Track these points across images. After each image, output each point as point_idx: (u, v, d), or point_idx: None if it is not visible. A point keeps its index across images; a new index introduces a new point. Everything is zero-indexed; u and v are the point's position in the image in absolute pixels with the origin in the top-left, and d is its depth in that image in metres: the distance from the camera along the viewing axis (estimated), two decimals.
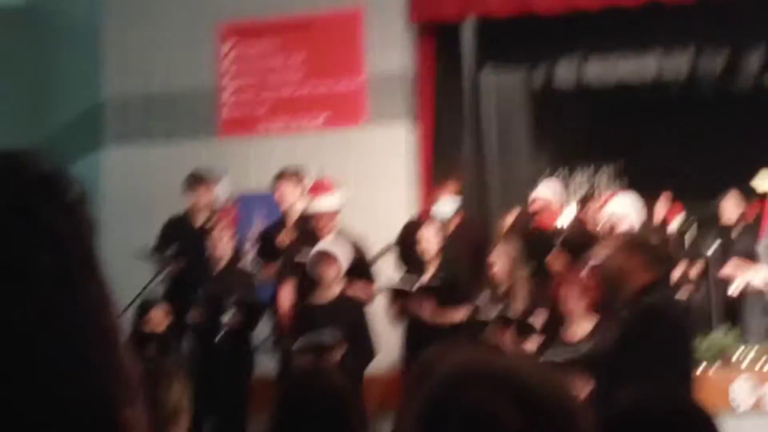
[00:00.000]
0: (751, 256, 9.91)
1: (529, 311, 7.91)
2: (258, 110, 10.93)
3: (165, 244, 9.16)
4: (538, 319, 7.88)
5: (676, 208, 10.92)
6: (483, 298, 8.00)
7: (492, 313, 7.72)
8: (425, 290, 8.27)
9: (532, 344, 7.66)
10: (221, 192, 10.54)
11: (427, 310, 8.26)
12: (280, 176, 9.24)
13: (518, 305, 7.88)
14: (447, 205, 9.20)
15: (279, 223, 9.14)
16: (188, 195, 9.38)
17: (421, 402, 1.41)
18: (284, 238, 8.84)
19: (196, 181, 9.40)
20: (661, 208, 10.48)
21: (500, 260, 8.02)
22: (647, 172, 12.07)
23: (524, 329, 7.64)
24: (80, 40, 12.12)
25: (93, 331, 1.00)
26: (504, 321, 7.64)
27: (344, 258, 8.13)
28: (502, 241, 8.44)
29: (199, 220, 9.35)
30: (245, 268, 9.24)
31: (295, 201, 9.01)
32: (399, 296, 8.44)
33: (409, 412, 1.47)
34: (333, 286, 8.11)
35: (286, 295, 8.63)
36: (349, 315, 8.02)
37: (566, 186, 12.83)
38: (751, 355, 8.90)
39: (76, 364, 0.98)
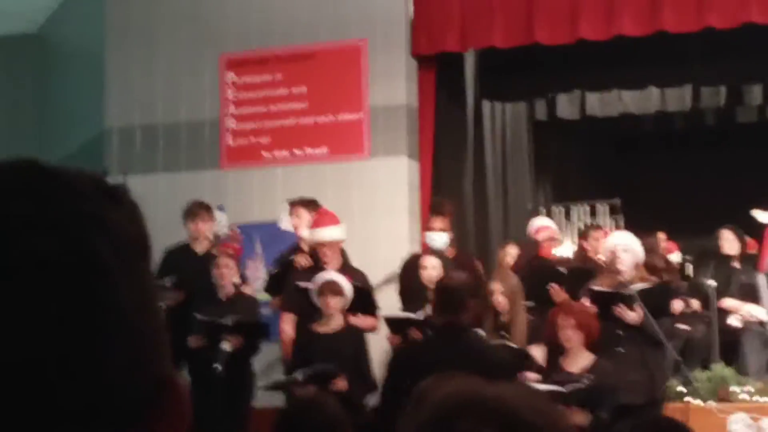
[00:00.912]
0: (751, 289, 9.93)
1: (529, 341, 7.91)
2: (260, 141, 10.97)
3: (166, 273, 9.18)
4: (538, 350, 7.89)
5: (672, 246, 10.95)
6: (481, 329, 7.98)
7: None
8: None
9: (532, 376, 7.66)
10: (223, 221, 10.58)
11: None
12: (297, 203, 9.27)
13: (519, 335, 7.89)
14: (436, 240, 9.19)
15: (295, 249, 9.12)
16: (188, 224, 9.41)
17: (414, 431, 1.42)
18: (301, 260, 8.85)
19: (196, 210, 9.42)
20: (661, 243, 10.50)
21: (501, 289, 8.02)
22: (643, 210, 12.09)
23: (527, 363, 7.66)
24: (85, 69, 12.19)
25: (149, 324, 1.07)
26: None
27: (349, 289, 8.14)
28: (502, 271, 8.44)
29: (200, 249, 9.38)
30: (248, 295, 9.25)
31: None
32: (403, 326, 8.42)
33: None
34: (337, 317, 8.10)
35: (289, 324, 8.63)
36: (353, 346, 8.03)
37: (564, 222, 12.87)
38: (750, 389, 8.89)
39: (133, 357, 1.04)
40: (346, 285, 8.13)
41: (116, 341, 0.99)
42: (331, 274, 8.22)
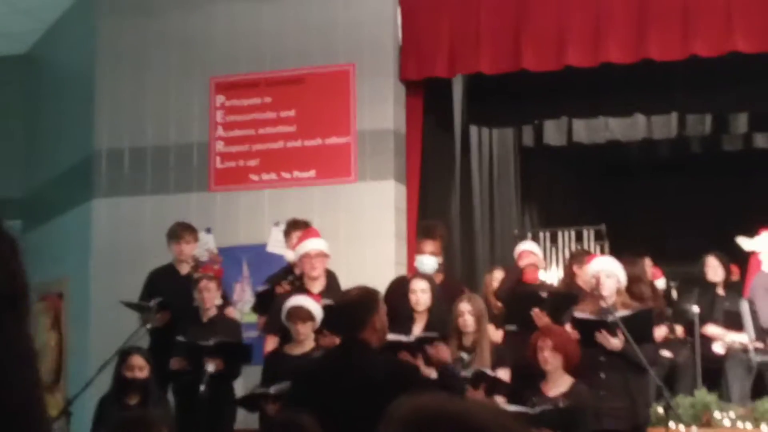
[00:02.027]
0: (735, 316, 9.96)
1: (495, 364, 7.91)
2: (249, 164, 11.01)
3: (150, 294, 9.20)
4: (505, 372, 7.91)
5: (657, 272, 10.99)
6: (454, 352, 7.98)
7: (466, 369, 7.70)
8: (422, 341, 8.21)
9: (501, 399, 7.67)
10: (210, 244, 10.60)
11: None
12: (293, 225, 9.28)
13: (483, 357, 7.89)
14: (427, 264, 9.20)
15: (287, 270, 9.12)
16: (171, 246, 9.43)
17: None
18: (283, 287, 8.84)
19: (179, 232, 9.44)
20: (647, 269, 10.53)
21: (469, 309, 8.03)
22: (629, 236, 12.14)
23: (497, 386, 7.66)
24: (75, 90, 12.22)
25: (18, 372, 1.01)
26: (478, 377, 7.64)
27: (318, 312, 8.09)
28: (469, 294, 8.44)
29: (184, 270, 9.40)
30: (231, 317, 9.27)
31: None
32: (393, 349, 8.40)
33: None
34: (307, 341, 8.09)
35: (272, 346, 8.63)
36: None
37: (550, 248, 12.91)
38: (733, 415, 8.92)
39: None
40: (315, 309, 8.10)
41: None
42: (299, 299, 8.17)
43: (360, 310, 5.35)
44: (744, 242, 10.29)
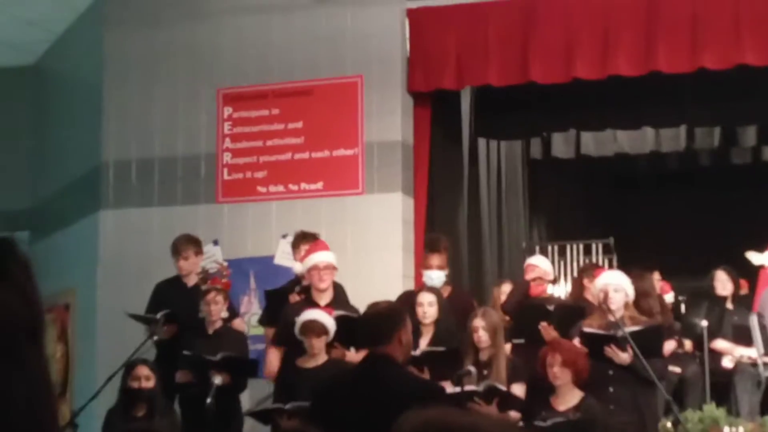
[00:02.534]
0: (744, 330, 9.93)
1: (510, 379, 7.87)
2: (256, 175, 10.99)
3: (157, 306, 9.18)
4: (520, 388, 7.87)
5: (666, 286, 10.95)
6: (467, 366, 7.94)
7: (478, 383, 7.66)
8: (428, 355, 8.19)
9: (515, 414, 7.64)
10: (217, 256, 10.58)
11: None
12: (302, 238, 9.25)
13: (499, 372, 7.86)
14: (434, 278, 9.19)
15: (295, 282, 9.07)
16: (174, 260, 9.40)
17: None
18: (293, 297, 8.82)
19: (180, 246, 9.41)
20: (656, 283, 10.49)
21: (483, 325, 8.00)
22: (637, 249, 12.10)
23: (509, 401, 7.63)
24: (82, 102, 12.22)
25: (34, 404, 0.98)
26: (490, 392, 7.61)
27: (332, 325, 8.06)
28: (484, 309, 8.41)
29: (190, 282, 9.38)
30: (238, 329, 9.25)
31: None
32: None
33: None
34: (320, 354, 8.05)
35: (275, 357, 8.58)
36: None
37: (558, 261, 12.87)
38: (742, 430, 8.88)
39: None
40: (328, 322, 8.07)
41: None
42: (312, 313, 8.14)
43: (387, 324, 5.30)
44: (754, 257, 10.26)
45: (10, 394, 0.89)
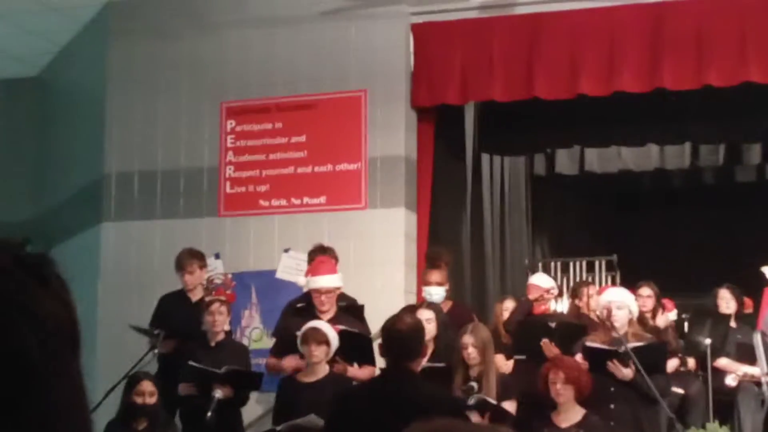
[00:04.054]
0: (747, 348, 9.89)
1: (501, 396, 7.84)
2: (258, 189, 10.98)
3: (159, 319, 9.16)
4: (510, 405, 7.83)
5: (669, 304, 10.91)
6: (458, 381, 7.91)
7: (470, 397, 7.62)
8: (429, 371, 8.16)
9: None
10: (219, 269, 10.56)
11: None
12: (320, 251, 9.22)
13: (490, 388, 7.82)
14: (434, 295, 9.17)
15: (306, 295, 9.02)
16: (181, 274, 9.36)
17: None
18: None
19: (183, 262, 9.38)
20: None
21: (473, 342, 7.95)
22: (640, 266, 12.05)
23: (500, 416, 7.58)
24: (85, 114, 12.22)
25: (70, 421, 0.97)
26: (481, 406, 7.57)
27: (334, 337, 8.04)
28: (473, 325, 8.36)
29: (194, 297, 9.35)
30: (238, 342, 9.22)
31: None
32: None
33: None
34: (322, 365, 8.00)
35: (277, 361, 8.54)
36: None
37: (561, 277, 12.83)
38: None
39: None
40: (331, 333, 8.03)
41: None
42: (315, 323, 8.12)
43: (416, 339, 5.32)
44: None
45: (53, 406, 0.86)
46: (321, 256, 9.10)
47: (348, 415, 5.30)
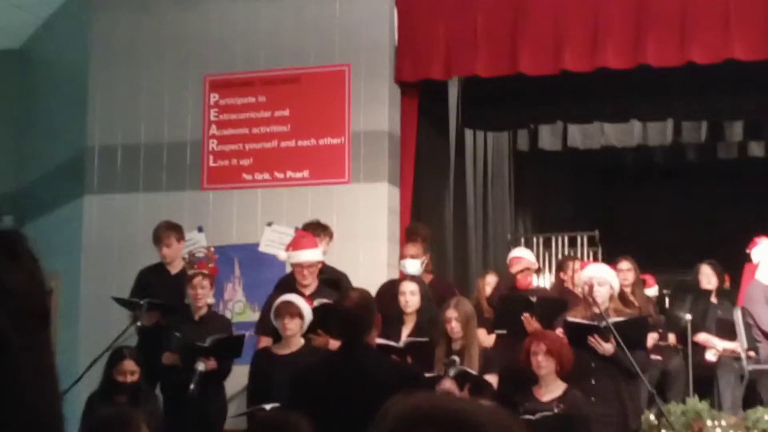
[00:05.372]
0: (728, 324, 9.94)
1: (483, 369, 7.86)
2: (242, 163, 10.96)
3: (139, 293, 9.15)
4: (492, 379, 7.86)
5: (650, 279, 10.95)
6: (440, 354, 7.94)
7: (451, 369, 7.65)
8: (411, 345, 8.19)
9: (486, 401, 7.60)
10: (202, 242, 10.55)
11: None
12: (313, 227, 9.23)
13: (472, 362, 7.85)
14: (409, 267, 9.19)
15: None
16: (159, 247, 9.36)
17: None
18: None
19: (161, 234, 9.37)
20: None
21: (456, 316, 7.98)
22: (622, 242, 12.10)
23: (481, 387, 7.61)
24: (68, 86, 12.16)
25: (39, 396, 0.97)
26: (462, 377, 7.60)
27: (308, 311, 8.06)
28: (457, 299, 8.38)
29: (174, 269, 9.35)
30: (221, 315, 9.22)
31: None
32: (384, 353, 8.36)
33: None
34: (296, 338, 8.03)
35: (266, 343, 8.58)
36: None
37: (543, 253, 12.87)
38: (724, 424, 8.88)
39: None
40: (303, 306, 8.06)
41: (9, 423, 0.90)
42: (288, 296, 8.14)
43: (366, 314, 5.38)
44: (754, 253, 10.20)
45: (21, 378, 0.87)
46: (308, 231, 9.10)
47: (308, 393, 5.36)
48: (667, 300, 11.32)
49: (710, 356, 9.95)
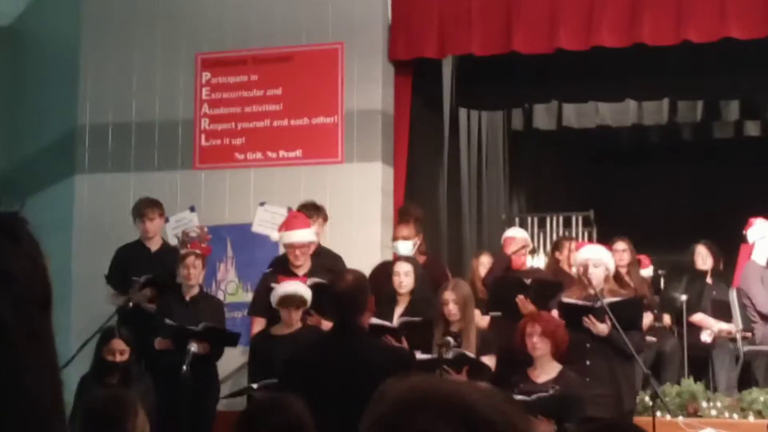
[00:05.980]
0: (723, 305, 9.93)
1: (480, 351, 7.84)
2: (234, 142, 10.91)
3: (118, 272, 9.13)
4: (490, 360, 7.83)
5: (645, 260, 10.92)
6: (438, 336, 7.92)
7: (447, 351, 7.61)
8: (405, 325, 8.17)
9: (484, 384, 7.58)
10: (194, 222, 10.51)
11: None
12: (308, 208, 9.21)
13: (469, 344, 7.82)
14: (401, 248, 9.19)
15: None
16: (137, 223, 9.34)
17: (372, 425, 1.40)
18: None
19: (142, 209, 9.35)
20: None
21: (453, 298, 7.94)
22: (617, 222, 12.07)
23: (479, 370, 7.58)
24: (59, 64, 12.10)
25: (40, 384, 0.94)
26: (460, 360, 7.57)
27: (309, 294, 8.10)
28: (455, 281, 8.36)
29: (153, 246, 9.32)
30: (213, 296, 9.20)
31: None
32: (378, 333, 8.34)
33: None
34: (295, 323, 8.10)
35: (259, 328, 8.59)
36: None
37: (538, 233, 12.86)
38: (719, 405, 8.89)
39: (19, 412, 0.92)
40: (306, 294, 8.11)
41: (10, 410, 0.89)
42: (291, 286, 8.16)
43: (359, 295, 5.41)
44: (750, 234, 10.18)
45: (23, 366, 0.84)
46: (303, 212, 9.09)
47: (301, 374, 5.38)
48: (662, 281, 11.30)
49: (705, 337, 9.94)
